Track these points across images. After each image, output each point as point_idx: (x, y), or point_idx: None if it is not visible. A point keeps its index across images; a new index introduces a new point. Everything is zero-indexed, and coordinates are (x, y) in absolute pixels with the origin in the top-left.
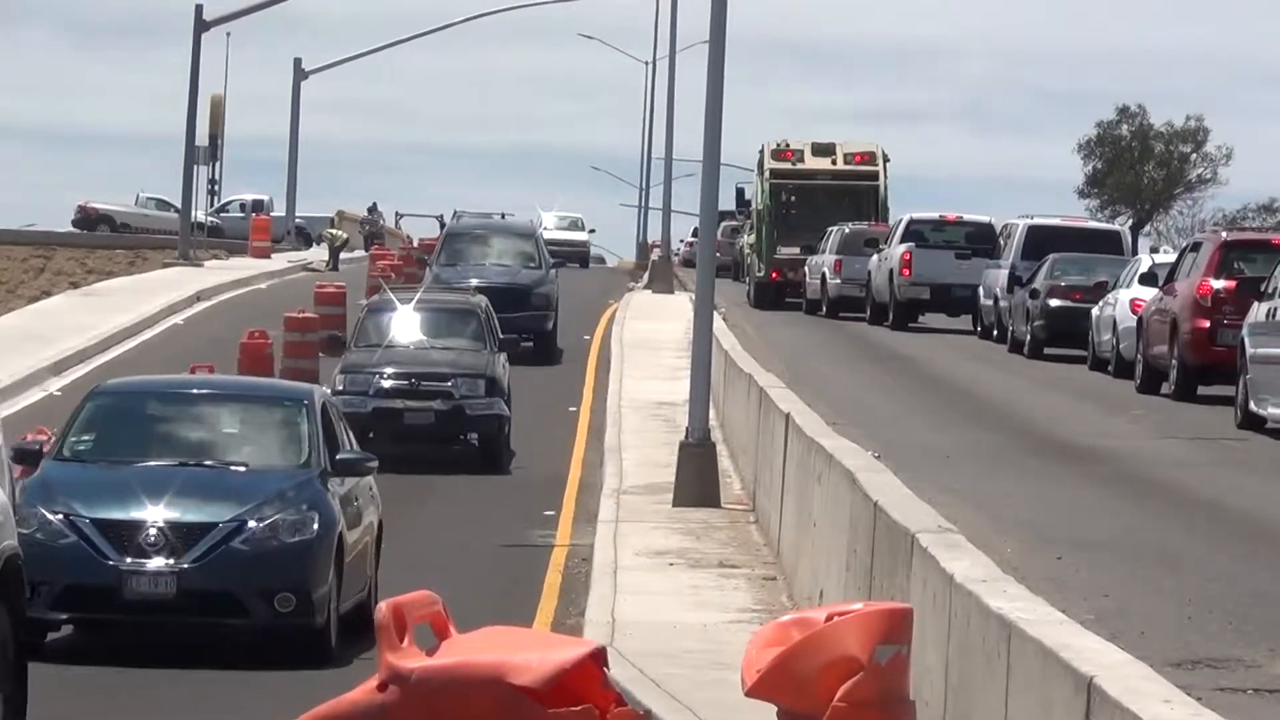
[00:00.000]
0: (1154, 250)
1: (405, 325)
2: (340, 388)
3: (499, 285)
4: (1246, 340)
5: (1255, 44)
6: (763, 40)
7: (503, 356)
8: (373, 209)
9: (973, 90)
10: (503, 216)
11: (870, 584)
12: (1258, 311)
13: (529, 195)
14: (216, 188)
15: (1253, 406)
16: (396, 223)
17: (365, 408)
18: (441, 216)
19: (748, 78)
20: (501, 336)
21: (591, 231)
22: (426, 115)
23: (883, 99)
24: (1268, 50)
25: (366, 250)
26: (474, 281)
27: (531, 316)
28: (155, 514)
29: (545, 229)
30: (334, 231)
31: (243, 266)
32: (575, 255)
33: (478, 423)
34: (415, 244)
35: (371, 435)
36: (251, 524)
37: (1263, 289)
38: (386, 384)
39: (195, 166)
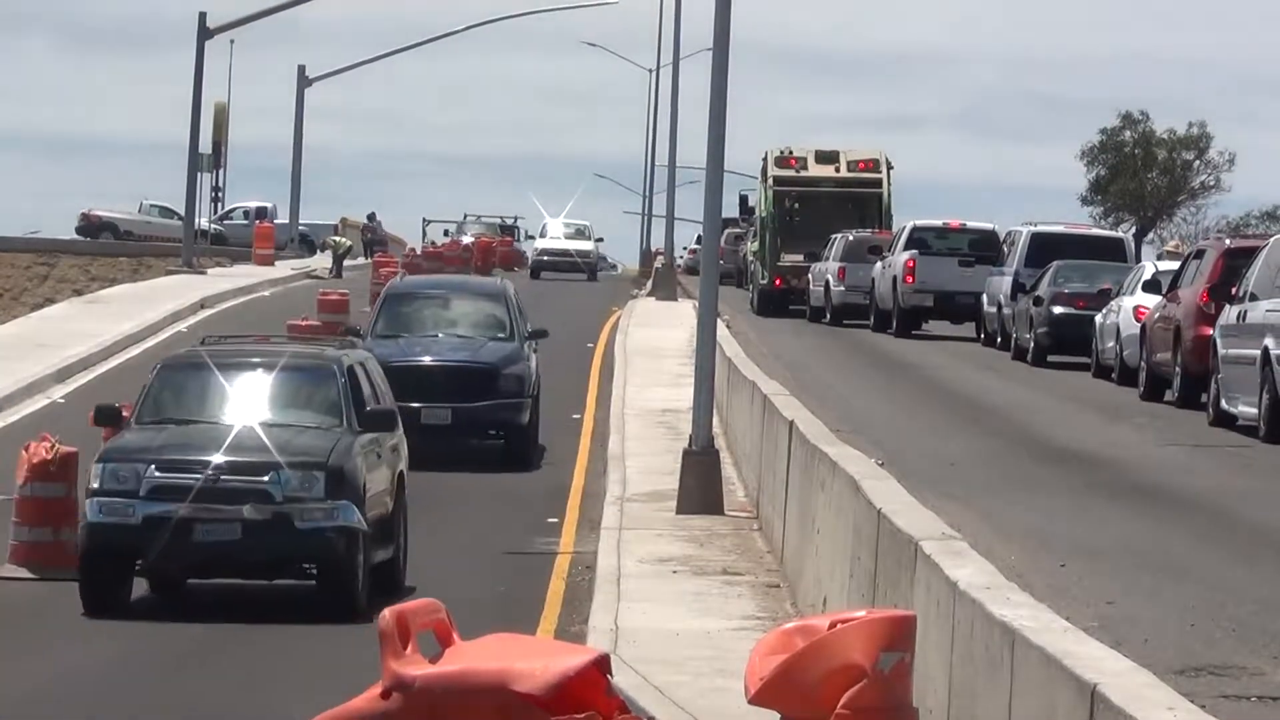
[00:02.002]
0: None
1: (215, 390)
2: (96, 485)
3: (454, 364)
4: (1218, 342)
5: (1258, 51)
6: (766, 48)
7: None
8: (371, 217)
9: (975, 97)
10: (515, 220)
11: (874, 591)
12: (1229, 314)
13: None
14: (220, 195)
15: (1224, 405)
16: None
17: (132, 517)
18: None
19: (751, 85)
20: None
21: (599, 240)
22: (430, 123)
23: (886, 106)
24: (1270, 57)
25: (367, 257)
26: (425, 359)
27: (499, 406)
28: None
29: (551, 237)
30: (338, 239)
31: (246, 274)
32: (581, 266)
33: (311, 543)
34: (418, 252)
35: (141, 564)
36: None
37: (1234, 293)
38: (164, 479)
39: (199, 174)
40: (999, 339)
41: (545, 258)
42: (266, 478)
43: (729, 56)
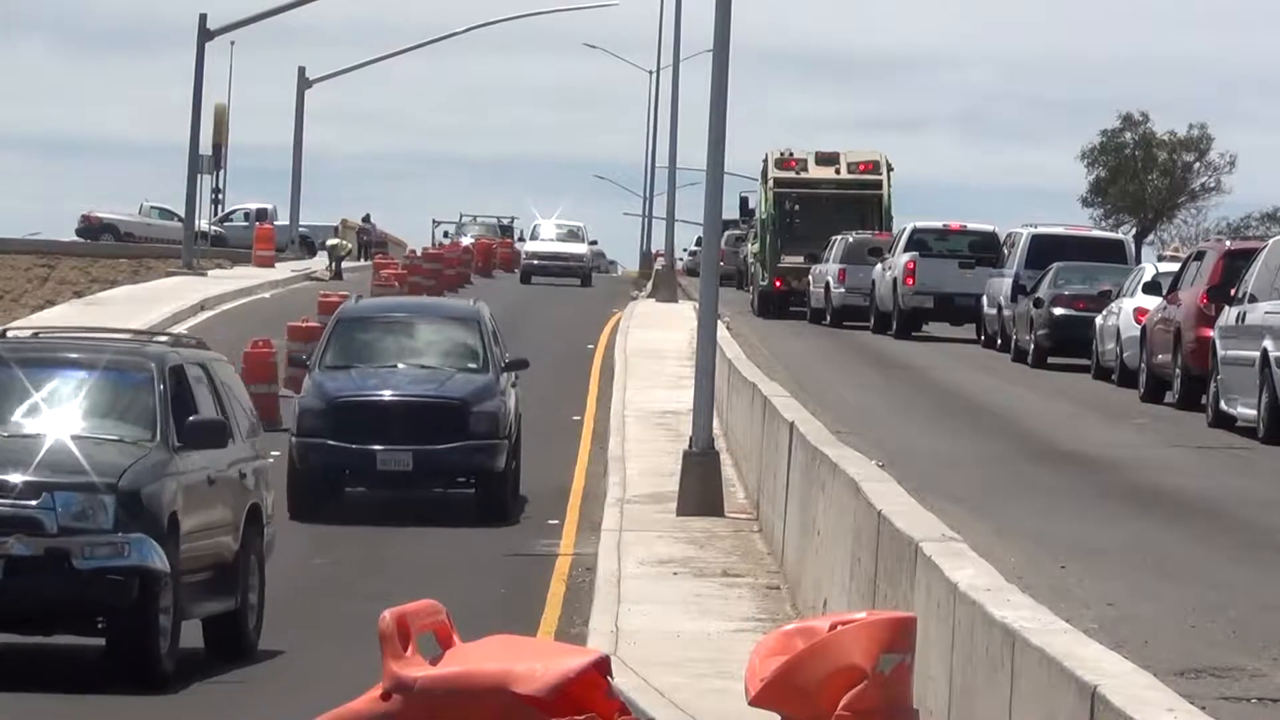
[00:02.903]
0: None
1: (7, 392)
2: None
3: (416, 399)
4: (1217, 343)
5: (1258, 52)
6: (766, 50)
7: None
8: (366, 219)
9: (975, 99)
10: (511, 221)
11: (874, 593)
12: (1228, 315)
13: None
14: (220, 197)
15: (1223, 406)
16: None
17: None
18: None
19: (751, 87)
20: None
21: (593, 244)
22: (430, 125)
23: (886, 108)
24: (1271, 58)
25: (363, 259)
26: (382, 394)
27: (469, 449)
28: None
29: (541, 240)
30: (338, 240)
31: (246, 275)
32: (575, 271)
33: (93, 587)
34: (418, 253)
35: None
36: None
37: (1233, 294)
38: None
39: (199, 175)
40: (999, 341)
41: (536, 262)
42: (36, 502)
43: (729, 58)
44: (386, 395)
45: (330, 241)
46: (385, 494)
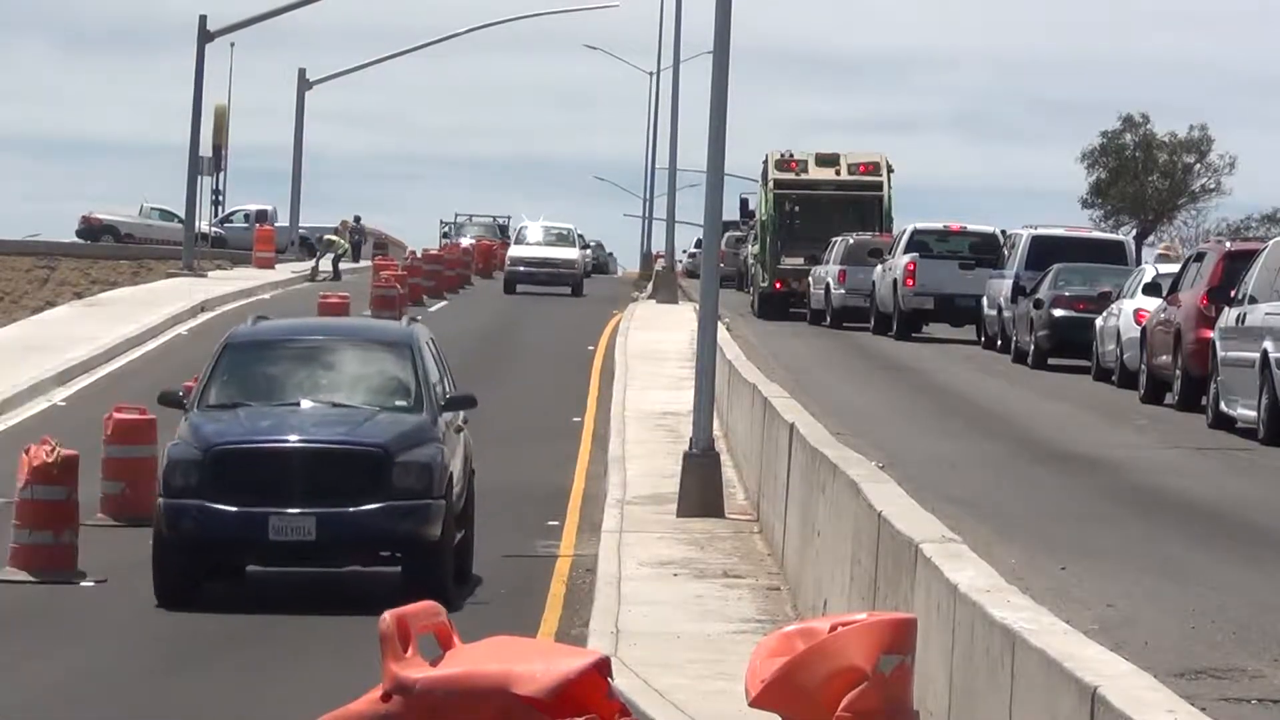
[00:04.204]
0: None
1: None
2: None
3: (320, 446)
4: (1217, 344)
5: (1258, 53)
6: (767, 51)
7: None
8: (356, 220)
9: (975, 100)
10: (508, 220)
11: (874, 594)
12: (1228, 316)
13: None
14: (220, 198)
15: (1223, 407)
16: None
17: None
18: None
19: (751, 88)
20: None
21: (586, 248)
22: (430, 126)
23: (886, 109)
24: (1271, 59)
25: (355, 261)
26: (275, 439)
27: (393, 512)
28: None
29: (528, 244)
30: (333, 239)
31: (246, 277)
32: (565, 278)
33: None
34: (419, 255)
35: None
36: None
37: (1233, 296)
38: None
39: (199, 177)
40: (999, 342)
41: (521, 268)
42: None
43: (729, 59)
44: (281, 441)
45: (326, 238)
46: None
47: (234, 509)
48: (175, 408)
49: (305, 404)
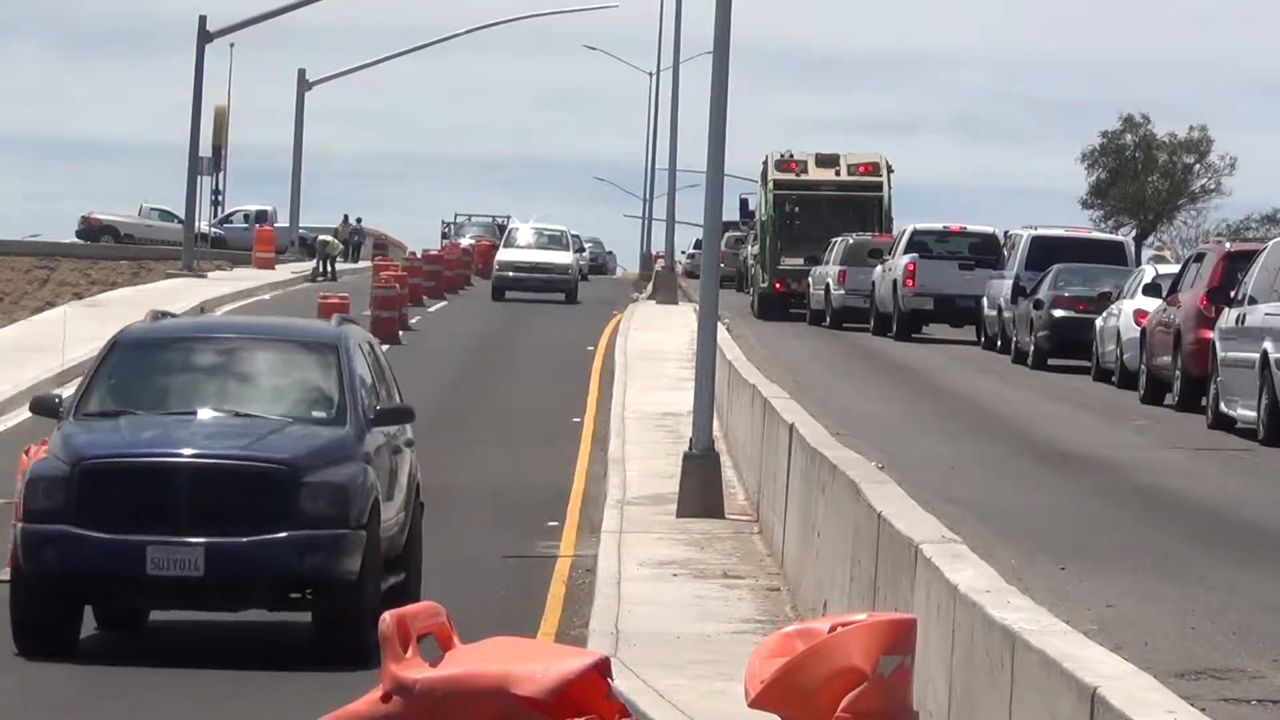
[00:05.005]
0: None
1: None
2: None
3: (215, 462)
4: (1217, 344)
5: (1259, 54)
6: (767, 52)
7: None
8: (345, 220)
9: (975, 100)
10: (508, 219)
11: (874, 595)
12: (1228, 317)
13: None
14: (220, 198)
15: (1223, 408)
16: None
17: None
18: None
19: (751, 89)
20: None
21: (581, 250)
22: (430, 126)
23: (886, 110)
24: (1271, 60)
25: (355, 261)
26: (165, 454)
27: (299, 543)
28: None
29: (517, 247)
30: (328, 239)
31: (246, 277)
32: (557, 285)
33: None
34: (419, 255)
35: None
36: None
37: (1233, 296)
38: None
39: (199, 177)
40: (999, 342)
41: (510, 274)
42: None
43: (729, 60)
44: (165, 455)
45: (321, 238)
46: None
47: (106, 536)
48: (49, 416)
49: (203, 414)
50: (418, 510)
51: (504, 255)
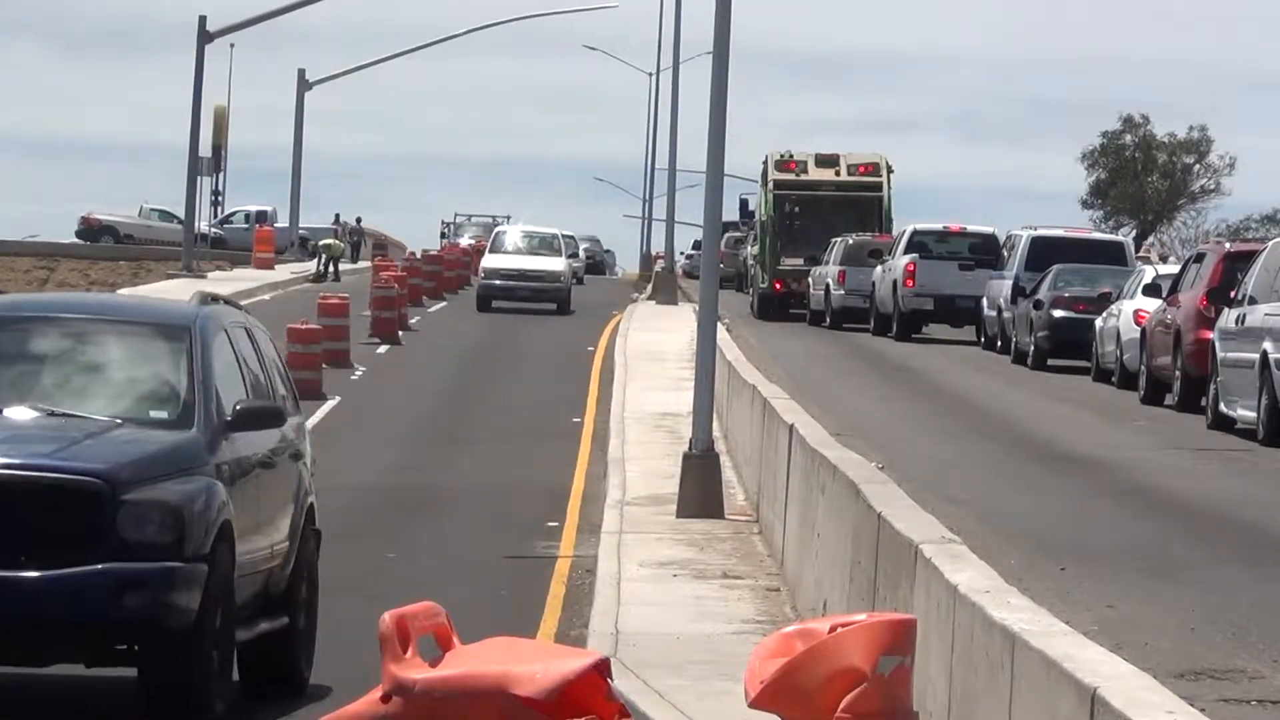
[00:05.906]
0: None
1: None
2: None
3: (12, 473)
4: (1217, 345)
5: (1258, 54)
6: (766, 52)
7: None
8: (336, 219)
9: (975, 100)
10: (507, 219)
11: (874, 595)
12: (1228, 318)
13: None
14: (220, 199)
15: (1222, 408)
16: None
17: None
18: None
19: (751, 89)
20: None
21: (573, 256)
22: (430, 127)
23: (886, 110)
24: (1271, 60)
25: (352, 261)
26: None
27: (112, 578)
28: None
29: (504, 252)
30: (330, 241)
31: (246, 277)
32: (548, 294)
33: None
34: (418, 255)
35: None
36: None
37: (1232, 296)
38: None
39: (199, 177)
40: (999, 343)
41: (496, 282)
42: None
43: (729, 60)
44: None
45: (323, 241)
46: (386, 494)
47: None
48: None
49: (12, 412)
50: (311, 538)
51: (489, 261)
